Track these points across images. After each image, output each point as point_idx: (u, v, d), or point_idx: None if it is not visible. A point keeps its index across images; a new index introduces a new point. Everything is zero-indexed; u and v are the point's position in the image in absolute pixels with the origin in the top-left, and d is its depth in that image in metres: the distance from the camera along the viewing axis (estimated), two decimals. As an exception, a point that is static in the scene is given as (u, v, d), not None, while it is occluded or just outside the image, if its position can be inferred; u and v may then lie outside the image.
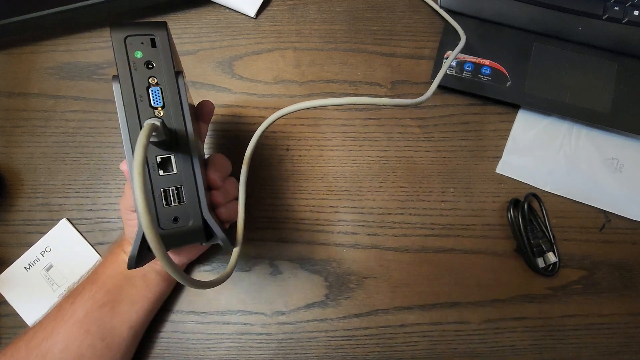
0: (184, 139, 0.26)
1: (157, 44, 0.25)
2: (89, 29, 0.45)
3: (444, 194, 0.43)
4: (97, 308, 0.33)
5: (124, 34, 0.25)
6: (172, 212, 0.26)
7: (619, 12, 0.42)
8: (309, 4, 0.46)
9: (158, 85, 0.26)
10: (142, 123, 0.25)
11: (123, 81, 0.25)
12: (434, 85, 0.36)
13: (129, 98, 0.25)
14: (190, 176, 0.26)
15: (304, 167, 0.43)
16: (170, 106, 0.26)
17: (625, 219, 0.42)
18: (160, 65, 0.25)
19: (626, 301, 0.41)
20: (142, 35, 0.25)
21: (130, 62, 0.25)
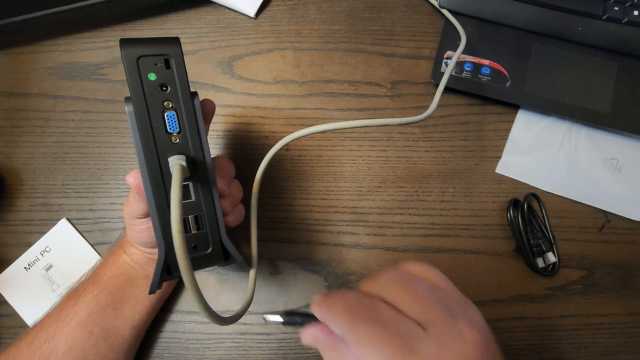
0: (202, 164, 0.25)
1: (172, 65, 0.24)
2: (89, 29, 0.45)
3: (443, 194, 0.43)
4: (99, 309, 0.33)
5: (136, 54, 0.23)
6: (191, 239, 0.26)
7: (619, 12, 0.42)
8: (309, 4, 0.46)
9: (173, 109, 0.24)
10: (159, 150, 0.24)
11: (137, 105, 0.24)
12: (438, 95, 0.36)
13: (144, 123, 0.24)
14: (209, 202, 0.26)
15: (304, 167, 0.43)
16: (187, 131, 0.25)
17: (625, 219, 0.42)
18: (176, 88, 0.24)
19: (626, 301, 0.41)
20: (156, 56, 0.23)
21: (144, 85, 0.23)
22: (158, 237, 0.25)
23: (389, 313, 0.19)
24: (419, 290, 0.20)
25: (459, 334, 0.19)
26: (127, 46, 0.23)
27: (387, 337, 0.18)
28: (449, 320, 0.20)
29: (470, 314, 0.21)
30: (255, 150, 0.43)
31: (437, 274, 0.23)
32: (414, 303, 0.20)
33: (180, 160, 0.22)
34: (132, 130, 0.24)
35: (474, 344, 0.19)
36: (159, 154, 0.24)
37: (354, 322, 0.19)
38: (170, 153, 0.24)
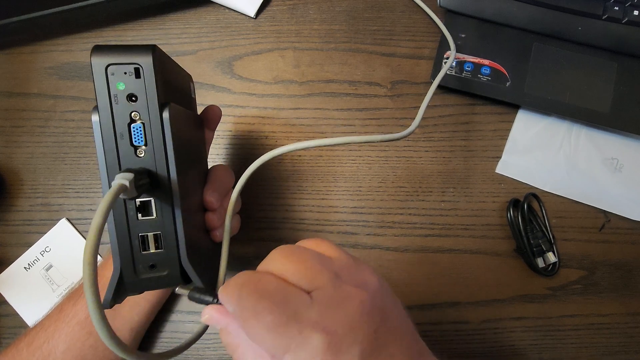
0: (167, 181, 0.24)
1: (142, 75, 0.22)
2: (89, 29, 0.45)
3: (443, 194, 0.43)
4: None
5: (106, 62, 0.22)
6: (149, 258, 0.24)
7: (619, 12, 0.42)
8: (309, 4, 0.46)
9: (141, 121, 0.23)
10: (121, 163, 0.23)
11: (102, 115, 0.22)
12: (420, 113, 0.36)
13: (109, 134, 0.23)
14: (171, 222, 0.24)
15: (304, 167, 0.43)
16: (154, 144, 0.23)
17: (625, 219, 0.42)
18: (145, 99, 0.23)
19: (626, 301, 0.41)
20: (126, 64, 0.22)
21: (111, 94, 0.22)
22: (114, 251, 0.24)
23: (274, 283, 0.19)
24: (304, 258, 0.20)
25: (344, 296, 0.19)
26: (97, 53, 0.22)
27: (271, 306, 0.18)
28: (334, 284, 0.19)
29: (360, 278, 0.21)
30: (255, 150, 0.43)
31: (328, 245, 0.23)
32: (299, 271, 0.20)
33: (124, 180, 0.20)
34: (95, 141, 0.23)
35: (359, 304, 0.19)
36: (121, 167, 0.23)
37: (241, 296, 0.19)
38: (134, 167, 0.23)
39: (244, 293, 0.19)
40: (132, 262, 0.24)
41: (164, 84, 0.24)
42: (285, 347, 0.18)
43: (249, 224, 0.41)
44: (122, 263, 0.24)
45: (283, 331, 0.18)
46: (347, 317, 0.19)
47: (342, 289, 0.20)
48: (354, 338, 0.19)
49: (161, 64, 0.23)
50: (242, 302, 0.19)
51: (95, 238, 0.19)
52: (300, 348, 0.18)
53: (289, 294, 0.19)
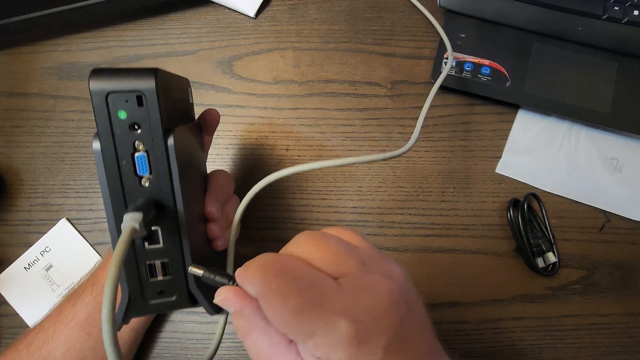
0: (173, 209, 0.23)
1: (145, 102, 0.21)
2: (89, 29, 0.45)
3: (443, 194, 0.43)
4: (98, 311, 0.33)
5: (106, 90, 0.21)
6: (157, 285, 0.24)
7: (619, 12, 0.42)
8: (309, 4, 0.46)
9: (145, 150, 0.22)
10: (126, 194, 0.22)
11: (104, 145, 0.22)
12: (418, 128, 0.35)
13: (111, 164, 0.22)
14: (178, 249, 0.24)
15: (303, 167, 0.43)
16: (158, 173, 0.23)
17: (625, 219, 0.42)
18: (148, 127, 0.22)
19: (626, 301, 0.41)
20: (127, 92, 0.21)
21: (112, 123, 0.21)
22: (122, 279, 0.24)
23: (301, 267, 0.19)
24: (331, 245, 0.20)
25: (371, 285, 0.19)
26: (96, 79, 0.21)
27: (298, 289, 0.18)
28: (362, 272, 0.19)
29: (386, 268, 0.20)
30: (255, 150, 0.43)
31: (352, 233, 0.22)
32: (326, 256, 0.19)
33: (134, 222, 0.20)
34: (97, 171, 0.22)
35: (387, 294, 0.19)
36: (126, 198, 0.22)
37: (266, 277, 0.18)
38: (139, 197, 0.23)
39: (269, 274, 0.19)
40: (141, 289, 0.24)
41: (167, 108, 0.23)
42: (310, 333, 0.18)
43: (249, 224, 0.41)
44: (130, 291, 0.24)
45: (309, 316, 0.18)
46: (374, 306, 0.18)
47: (369, 277, 0.19)
48: (380, 327, 0.18)
49: (163, 87, 0.22)
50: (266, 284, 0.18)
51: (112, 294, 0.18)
52: (325, 334, 0.17)
53: (316, 278, 0.19)
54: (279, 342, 0.20)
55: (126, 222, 0.20)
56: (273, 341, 0.20)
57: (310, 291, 0.18)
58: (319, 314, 0.18)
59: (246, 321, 0.20)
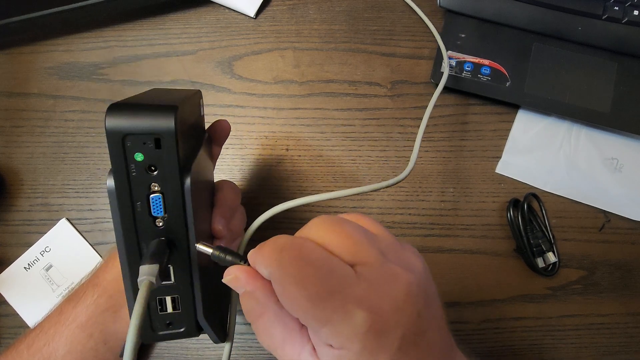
0: (185, 248, 0.23)
1: (162, 145, 0.21)
2: (89, 28, 0.45)
3: (443, 194, 0.43)
4: (100, 312, 0.33)
5: (123, 131, 0.20)
6: (166, 317, 0.24)
7: (619, 12, 0.42)
8: (309, 4, 0.46)
9: (160, 191, 0.22)
10: (139, 234, 0.22)
11: (119, 186, 0.21)
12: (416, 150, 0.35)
13: (125, 204, 0.22)
14: (188, 284, 0.24)
15: (303, 167, 0.43)
16: (172, 213, 0.22)
17: (625, 219, 0.42)
18: (165, 168, 0.21)
19: (626, 301, 0.41)
20: (145, 135, 0.20)
21: (128, 164, 0.21)
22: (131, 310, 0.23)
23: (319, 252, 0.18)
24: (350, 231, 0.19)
25: (390, 275, 0.18)
26: (112, 118, 0.20)
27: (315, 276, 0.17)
28: (381, 262, 0.18)
29: (406, 259, 0.20)
30: (255, 150, 0.43)
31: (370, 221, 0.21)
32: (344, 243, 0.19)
33: (151, 276, 0.20)
34: (111, 210, 0.22)
35: (406, 286, 0.18)
36: (139, 238, 0.22)
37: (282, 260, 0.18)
38: (152, 237, 0.22)
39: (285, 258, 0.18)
40: (150, 321, 0.24)
41: (184, 144, 0.22)
42: (325, 321, 0.17)
43: (248, 224, 0.41)
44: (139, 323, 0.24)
45: (325, 303, 0.17)
46: (393, 297, 0.18)
47: (388, 268, 0.18)
48: (397, 320, 0.18)
49: (181, 123, 0.21)
50: (283, 268, 0.18)
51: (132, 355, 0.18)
52: (341, 323, 0.17)
53: (334, 265, 0.18)
54: (292, 327, 0.19)
55: (143, 276, 0.20)
56: (286, 326, 0.19)
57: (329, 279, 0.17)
58: (335, 302, 0.17)
59: (257, 304, 0.20)
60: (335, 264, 0.18)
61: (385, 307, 0.17)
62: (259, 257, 0.19)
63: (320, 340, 0.18)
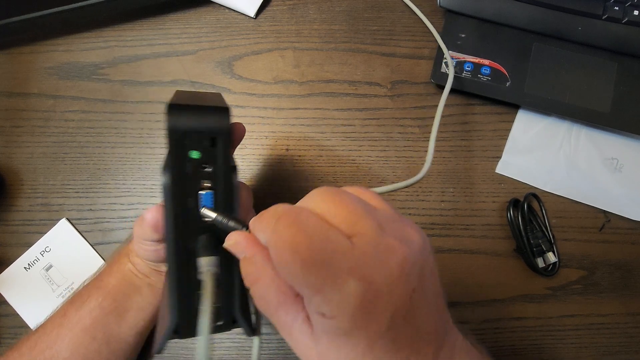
0: None
1: (218, 144, 0.22)
2: (89, 29, 0.45)
3: (443, 194, 0.43)
4: (104, 316, 0.33)
5: (183, 130, 0.21)
6: None
7: (619, 12, 0.42)
8: (309, 4, 0.46)
9: (211, 188, 0.23)
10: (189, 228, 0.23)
11: (174, 182, 0.22)
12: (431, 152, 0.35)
13: (179, 200, 0.23)
14: (229, 278, 0.25)
15: (303, 167, 0.43)
16: (219, 209, 0.23)
17: (625, 219, 0.42)
18: (216, 166, 0.23)
19: (626, 301, 0.41)
20: (204, 134, 0.22)
21: (185, 161, 0.22)
22: (173, 307, 0.24)
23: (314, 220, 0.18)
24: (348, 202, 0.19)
25: (386, 248, 0.18)
26: (174, 116, 0.21)
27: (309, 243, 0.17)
28: (378, 234, 0.18)
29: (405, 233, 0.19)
30: (255, 150, 0.43)
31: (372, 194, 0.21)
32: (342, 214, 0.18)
33: (213, 267, 0.21)
34: (165, 204, 0.22)
35: (401, 259, 0.18)
36: (189, 232, 0.23)
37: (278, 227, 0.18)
38: (199, 233, 0.23)
39: (281, 224, 0.18)
40: (189, 317, 0.24)
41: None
42: (317, 288, 0.17)
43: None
44: (180, 319, 0.24)
45: (318, 271, 0.17)
46: (387, 269, 0.17)
47: (385, 240, 0.18)
48: (391, 293, 0.17)
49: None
50: (278, 233, 0.18)
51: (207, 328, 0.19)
52: (333, 291, 0.17)
53: (329, 233, 0.18)
54: (287, 292, 0.19)
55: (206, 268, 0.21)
56: (281, 291, 0.19)
57: (322, 246, 0.17)
58: (328, 270, 0.17)
59: (255, 268, 0.20)
60: (330, 233, 0.18)
61: (378, 278, 0.17)
62: (258, 223, 0.20)
63: (312, 309, 0.18)
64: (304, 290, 0.18)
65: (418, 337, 0.19)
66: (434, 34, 0.43)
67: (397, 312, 0.18)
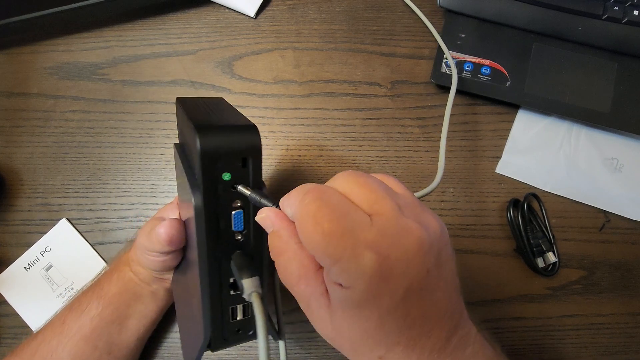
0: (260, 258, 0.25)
1: (249, 164, 0.23)
2: (89, 28, 0.45)
3: (443, 194, 0.43)
4: (105, 325, 0.33)
5: (216, 154, 0.21)
6: (236, 325, 0.26)
7: (619, 12, 0.42)
8: (309, 4, 0.46)
9: (241, 207, 0.23)
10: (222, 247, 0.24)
11: (207, 203, 0.22)
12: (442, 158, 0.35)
13: (211, 222, 0.23)
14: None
15: (304, 167, 0.43)
16: (250, 229, 0.24)
17: (625, 219, 0.42)
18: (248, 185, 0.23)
19: (626, 301, 0.41)
20: (236, 156, 0.22)
21: (217, 184, 0.22)
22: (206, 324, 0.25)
23: (338, 197, 0.19)
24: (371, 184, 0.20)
25: (404, 228, 0.19)
26: (206, 141, 0.21)
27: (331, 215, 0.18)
28: (397, 215, 0.19)
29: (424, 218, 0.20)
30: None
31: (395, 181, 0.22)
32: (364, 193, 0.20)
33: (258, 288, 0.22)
34: (196, 226, 0.23)
35: (418, 240, 0.19)
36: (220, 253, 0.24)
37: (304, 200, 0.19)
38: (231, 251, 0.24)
39: (307, 198, 0.19)
40: (222, 331, 0.26)
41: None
42: (336, 258, 0.18)
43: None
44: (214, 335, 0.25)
45: (337, 241, 0.18)
46: (403, 247, 0.18)
47: (403, 221, 0.19)
48: (405, 269, 0.18)
49: None
50: (304, 206, 0.19)
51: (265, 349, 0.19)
52: (351, 262, 0.18)
53: (350, 209, 0.19)
54: (308, 266, 0.20)
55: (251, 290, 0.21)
56: (303, 264, 0.20)
57: (342, 219, 0.18)
58: (347, 241, 0.18)
59: (281, 242, 0.21)
60: (352, 209, 0.19)
61: (394, 254, 0.18)
62: (286, 199, 0.21)
63: (331, 279, 0.19)
64: (324, 259, 0.19)
65: (430, 318, 0.20)
66: (434, 34, 0.44)
67: (411, 289, 0.18)
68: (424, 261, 0.19)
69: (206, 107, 0.26)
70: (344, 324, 0.20)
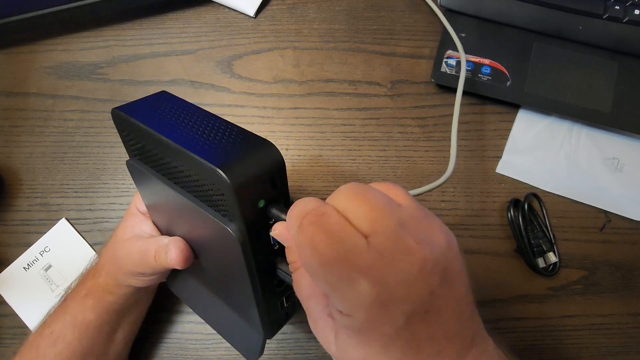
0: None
1: (276, 183, 0.23)
2: (88, 28, 0.45)
3: (444, 194, 0.42)
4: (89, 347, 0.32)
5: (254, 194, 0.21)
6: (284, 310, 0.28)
7: (620, 11, 0.42)
8: (309, 4, 0.46)
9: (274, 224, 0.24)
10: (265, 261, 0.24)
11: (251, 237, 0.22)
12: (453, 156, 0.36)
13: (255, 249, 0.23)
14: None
15: (303, 167, 0.43)
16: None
17: (625, 219, 0.42)
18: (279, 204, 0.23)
19: (626, 301, 0.41)
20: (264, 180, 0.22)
21: (256, 215, 0.22)
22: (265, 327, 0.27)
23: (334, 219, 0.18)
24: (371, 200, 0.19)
25: (404, 249, 0.18)
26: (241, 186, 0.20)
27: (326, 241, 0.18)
28: (397, 233, 0.18)
29: (428, 233, 0.19)
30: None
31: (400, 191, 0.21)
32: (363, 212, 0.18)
33: None
34: (243, 256, 0.23)
35: (420, 261, 0.17)
36: (263, 266, 0.25)
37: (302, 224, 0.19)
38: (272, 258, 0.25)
39: (305, 221, 0.19)
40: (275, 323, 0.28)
41: None
42: (334, 286, 0.18)
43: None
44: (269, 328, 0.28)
45: (332, 269, 0.17)
46: (403, 271, 0.17)
47: (403, 241, 0.18)
48: (406, 295, 0.17)
49: None
50: (301, 231, 0.19)
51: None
52: (347, 291, 0.17)
53: (346, 233, 0.18)
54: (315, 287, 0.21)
55: None
56: (312, 283, 0.21)
57: (337, 245, 0.17)
58: (342, 270, 0.17)
59: (295, 257, 0.21)
60: (348, 233, 0.18)
61: (392, 279, 0.17)
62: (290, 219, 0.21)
63: (332, 305, 0.19)
64: (323, 287, 0.19)
65: (438, 339, 0.19)
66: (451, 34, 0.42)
67: (414, 314, 0.18)
68: (427, 283, 0.18)
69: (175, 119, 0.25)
70: (348, 347, 0.19)
